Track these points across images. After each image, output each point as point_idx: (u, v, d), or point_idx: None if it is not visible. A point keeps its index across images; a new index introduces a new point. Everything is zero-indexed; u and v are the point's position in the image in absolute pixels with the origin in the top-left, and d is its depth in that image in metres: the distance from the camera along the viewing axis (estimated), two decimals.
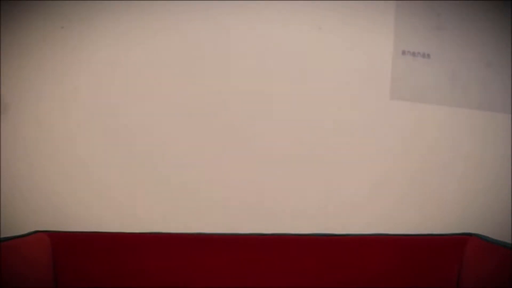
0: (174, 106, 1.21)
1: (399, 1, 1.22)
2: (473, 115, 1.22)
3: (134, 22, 1.20)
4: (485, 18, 1.23)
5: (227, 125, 1.21)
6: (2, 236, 0.99)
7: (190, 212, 1.19)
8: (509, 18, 1.23)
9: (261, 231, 1.06)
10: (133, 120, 1.20)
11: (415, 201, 1.21)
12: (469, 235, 1.02)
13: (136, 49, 1.20)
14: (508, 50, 1.22)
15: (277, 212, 1.19)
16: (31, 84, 1.18)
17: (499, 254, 0.91)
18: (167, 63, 1.20)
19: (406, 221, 1.19)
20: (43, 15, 1.18)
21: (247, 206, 1.20)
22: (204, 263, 1.03)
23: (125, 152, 1.19)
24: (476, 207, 1.18)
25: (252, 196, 1.20)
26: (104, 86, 1.20)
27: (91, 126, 1.19)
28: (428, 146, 1.22)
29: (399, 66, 1.21)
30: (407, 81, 1.21)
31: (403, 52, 1.21)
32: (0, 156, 1.16)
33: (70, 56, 1.19)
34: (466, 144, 1.22)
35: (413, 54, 1.21)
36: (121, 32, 1.20)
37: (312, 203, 1.21)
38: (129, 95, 1.20)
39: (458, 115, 1.22)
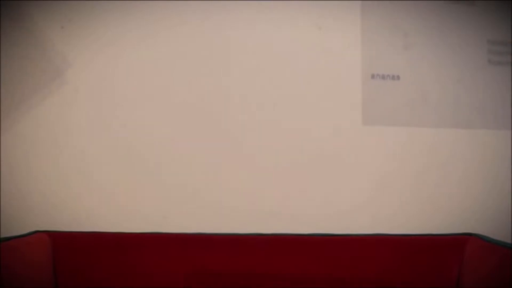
0: (175, 107, 1.21)
1: (364, 23, 1.21)
2: (449, 133, 1.22)
3: (134, 22, 1.20)
4: (453, 34, 1.22)
5: (226, 127, 1.21)
6: (2, 236, 0.99)
7: (189, 213, 1.19)
8: (477, 32, 1.22)
9: (261, 231, 1.06)
10: (134, 121, 1.20)
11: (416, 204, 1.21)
12: (469, 235, 1.02)
13: (136, 50, 1.20)
14: (477, 65, 1.21)
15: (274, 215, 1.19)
16: (31, 85, 1.18)
17: (499, 254, 0.91)
18: (168, 63, 1.21)
19: (405, 221, 1.19)
20: (43, 15, 1.19)
21: (247, 208, 1.20)
22: (203, 263, 1.03)
23: (125, 153, 1.19)
24: (476, 207, 1.18)
25: (252, 199, 1.20)
26: (104, 87, 1.20)
27: (91, 127, 1.19)
28: (405, 166, 1.22)
29: (369, 90, 1.21)
30: (379, 105, 1.21)
31: (372, 76, 1.21)
32: (0, 157, 1.16)
33: (70, 56, 1.19)
34: (452, 164, 1.22)
35: (383, 77, 1.21)
36: (121, 32, 1.20)
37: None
38: (129, 96, 1.20)
39: (438, 134, 1.22)
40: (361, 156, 1.21)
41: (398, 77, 1.21)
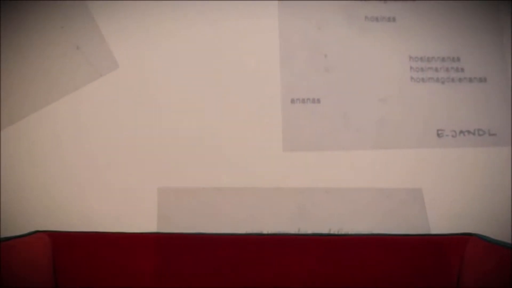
0: (176, 106, 1.20)
1: (282, 46, 1.19)
2: (373, 155, 1.18)
3: (134, 22, 1.21)
4: (375, 53, 1.20)
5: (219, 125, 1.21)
6: (2, 236, 0.99)
7: (188, 213, 1.19)
8: (399, 49, 1.20)
9: (261, 231, 1.06)
10: (134, 119, 1.20)
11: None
12: (469, 235, 1.02)
13: (135, 49, 1.20)
14: (400, 82, 1.19)
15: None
16: (31, 85, 1.18)
17: (499, 254, 0.91)
18: (167, 63, 1.21)
19: (406, 219, 1.19)
20: (43, 15, 1.18)
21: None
22: (204, 263, 1.03)
23: (125, 153, 1.19)
24: (476, 207, 1.18)
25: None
26: (103, 87, 1.20)
27: (91, 127, 1.19)
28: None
29: (289, 116, 1.17)
30: (299, 130, 1.18)
31: (292, 101, 1.17)
32: (0, 156, 1.16)
33: (70, 56, 1.19)
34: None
35: (303, 101, 1.17)
36: (121, 32, 1.20)
37: None
38: (129, 96, 1.20)
39: (360, 156, 1.18)
40: (282, 185, 1.17)
41: (319, 100, 1.18)
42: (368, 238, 1.05)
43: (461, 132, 1.18)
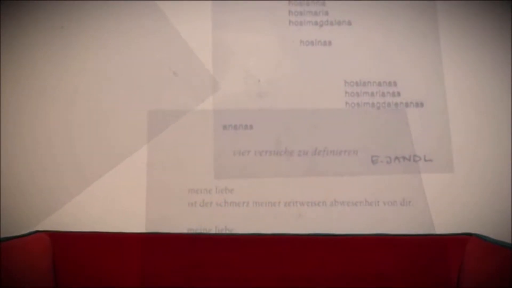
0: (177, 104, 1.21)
1: (216, 70, 1.18)
2: (305, 182, 1.15)
3: (135, 22, 1.21)
4: (308, 77, 1.18)
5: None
6: (2, 236, 0.99)
7: (190, 212, 1.19)
8: (333, 74, 1.19)
9: (261, 231, 1.06)
10: (134, 120, 1.20)
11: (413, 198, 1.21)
12: (469, 235, 1.02)
13: (136, 49, 1.21)
14: (334, 108, 1.17)
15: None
16: (31, 85, 1.19)
17: (499, 254, 0.91)
18: (168, 62, 1.21)
19: (406, 221, 1.19)
20: (43, 15, 1.19)
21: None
22: (204, 263, 1.03)
23: (125, 152, 1.19)
24: (476, 207, 1.18)
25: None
26: (104, 86, 1.20)
27: (91, 126, 1.19)
28: None
29: (221, 142, 1.16)
30: (232, 156, 1.16)
31: (224, 127, 1.16)
32: (0, 156, 1.17)
33: (70, 56, 1.20)
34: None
35: (235, 127, 1.15)
36: (122, 32, 1.21)
37: None
38: (129, 95, 1.20)
39: (292, 184, 1.15)
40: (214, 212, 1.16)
41: (251, 127, 1.16)
42: (368, 238, 1.05)
43: (396, 158, 1.15)
